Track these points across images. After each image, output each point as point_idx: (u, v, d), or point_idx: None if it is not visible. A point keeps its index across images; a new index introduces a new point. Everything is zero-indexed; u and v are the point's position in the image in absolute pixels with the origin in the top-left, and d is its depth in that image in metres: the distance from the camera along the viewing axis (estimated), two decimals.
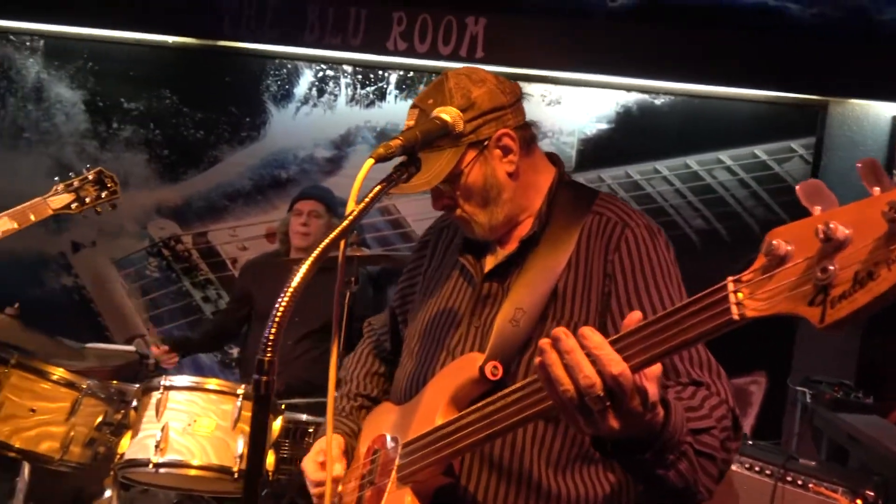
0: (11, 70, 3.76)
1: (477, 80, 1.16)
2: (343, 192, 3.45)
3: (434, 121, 1.07)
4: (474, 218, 1.18)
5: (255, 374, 0.70)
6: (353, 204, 0.88)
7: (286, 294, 0.73)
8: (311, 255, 2.44)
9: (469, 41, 3.23)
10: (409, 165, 0.97)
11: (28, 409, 2.10)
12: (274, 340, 0.71)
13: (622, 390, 0.77)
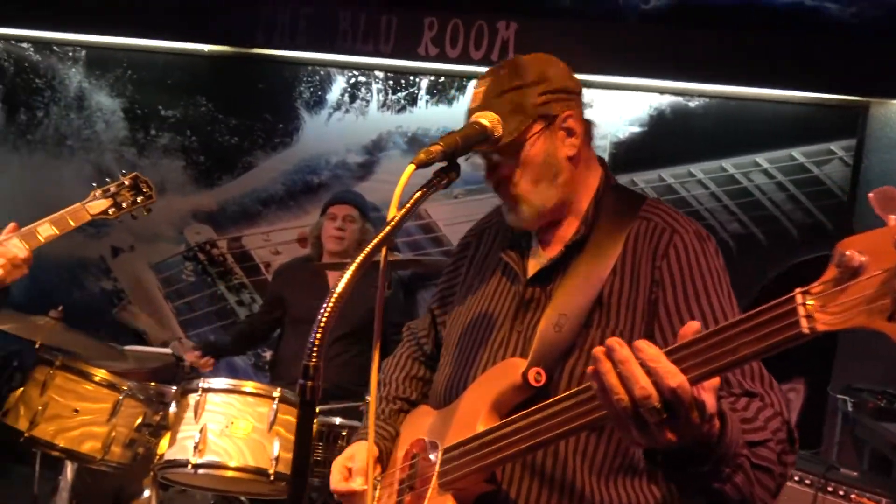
0: (55, 80, 3.87)
1: (552, 62, 1.17)
2: (375, 197, 3.47)
3: (473, 126, 1.07)
4: (527, 196, 1.16)
5: (300, 379, 0.71)
6: (394, 210, 0.88)
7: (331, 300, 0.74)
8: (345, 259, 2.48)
9: (500, 45, 3.23)
10: (450, 171, 0.97)
11: (72, 409, 2.16)
12: (319, 346, 0.72)
13: (680, 403, 0.76)
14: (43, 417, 2.11)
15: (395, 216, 0.87)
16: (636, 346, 0.78)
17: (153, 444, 2.30)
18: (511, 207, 1.19)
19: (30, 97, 3.89)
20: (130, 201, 1.80)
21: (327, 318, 0.73)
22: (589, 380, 0.82)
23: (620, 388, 0.78)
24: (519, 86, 1.13)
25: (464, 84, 3.45)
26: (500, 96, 1.14)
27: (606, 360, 0.79)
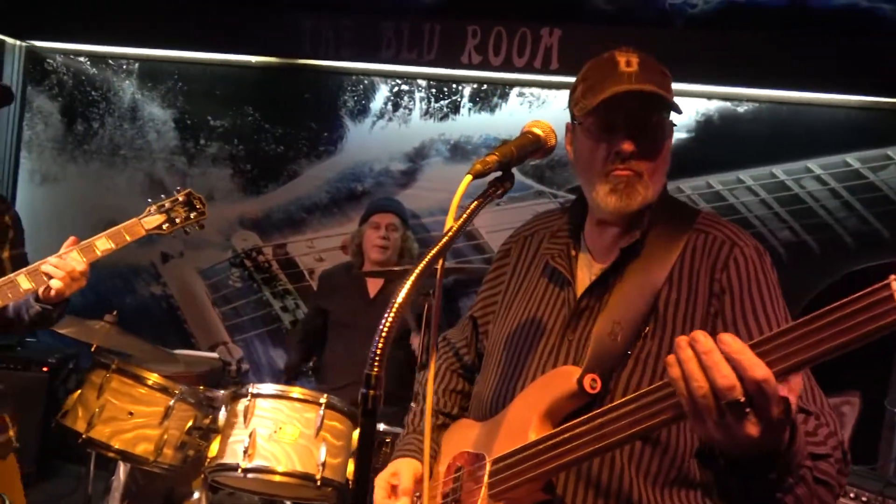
0: (109, 92, 4.01)
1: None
2: (417, 204, 3.50)
3: (527, 136, 1.07)
4: (649, 180, 1.13)
5: (362, 389, 0.72)
6: (451, 220, 0.89)
7: (392, 310, 0.75)
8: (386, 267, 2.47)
9: (544, 52, 3.22)
10: (504, 181, 0.98)
11: (127, 412, 2.22)
12: (381, 355, 0.72)
13: (764, 397, 0.75)
14: (100, 419, 2.18)
15: (451, 226, 0.87)
16: (720, 338, 0.77)
17: (203, 446, 2.36)
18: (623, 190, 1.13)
19: (86, 109, 4.04)
20: (183, 217, 1.84)
21: (388, 329, 0.73)
22: (668, 368, 0.81)
23: (702, 376, 0.77)
24: (664, 73, 1.15)
25: (506, 91, 3.45)
26: (651, 73, 1.12)
27: (688, 348, 0.78)
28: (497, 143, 3.51)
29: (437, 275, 0.83)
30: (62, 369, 3.64)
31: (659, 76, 1.13)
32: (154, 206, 1.83)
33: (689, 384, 0.78)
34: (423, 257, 0.81)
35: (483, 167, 0.94)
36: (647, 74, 1.11)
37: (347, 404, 2.16)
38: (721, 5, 3.19)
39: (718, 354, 0.76)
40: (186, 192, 1.87)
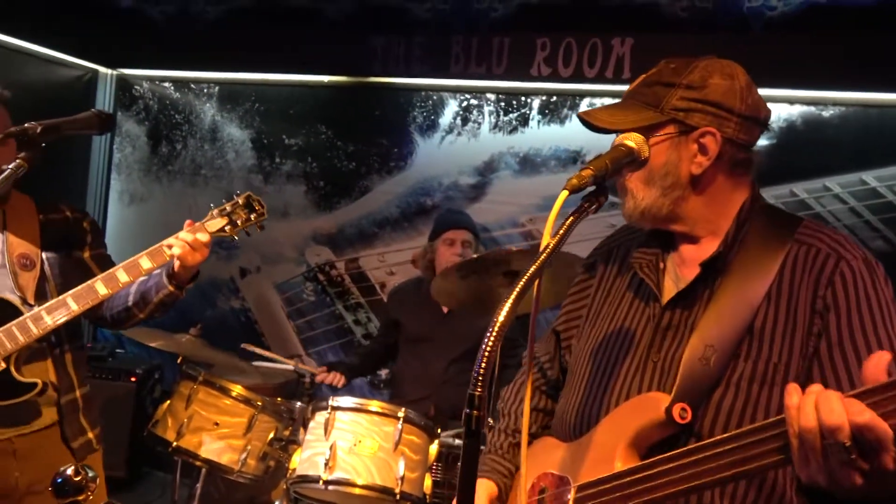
0: (192, 115, 4.21)
1: (727, 74, 1.10)
2: (486, 218, 3.50)
3: (620, 148, 1.05)
4: (634, 192, 1.13)
5: (465, 409, 0.72)
6: (547, 237, 0.88)
7: (493, 330, 0.75)
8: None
9: (615, 62, 3.18)
10: (599, 195, 0.96)
11: (213, 422, 2.30)
12: (484, 376, 0.72)
13: (873, 443, 0.70)
14: (188, 429, 2.26)
15: (549, 243, 0.86)
16: None
17: (283, 457, 2.41)
18: (620, 197, 1.17)
19: (170, 131, 4.25)
20: (244, 219, 1.87)
21: (491, 349, 0.73)
22: (787, 396, 0.77)
23: (812, 410, 0.73)
24: (671, 83, 1.10)
25: (576, 103, 3.42)
26: (649, 86, 1.12)
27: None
28: (567, 155, 3.49)
29: (534, 293, 0.83)
30: (149, 379, 3.82)
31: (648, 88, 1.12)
32: (216, 209, 1.87)
33: (801, 414, 0.74)
34: (521, 274, 0.80)
35: (579, 182, 0.93)
36: (636, 88, 1.14)
37: (424, 418, 2.17)
38: (802, 7, 3.06)
39: (835, 393, 0.73)
40: (246, 194, 1.90)
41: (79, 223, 1.90)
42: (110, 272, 1.73)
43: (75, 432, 1.81)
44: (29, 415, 1.72)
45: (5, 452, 1.70)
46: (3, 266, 1.72)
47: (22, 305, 1.69)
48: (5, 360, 1.64)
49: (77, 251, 1.88)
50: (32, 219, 1.81)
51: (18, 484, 1.71)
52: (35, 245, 1.77)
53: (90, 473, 0.88)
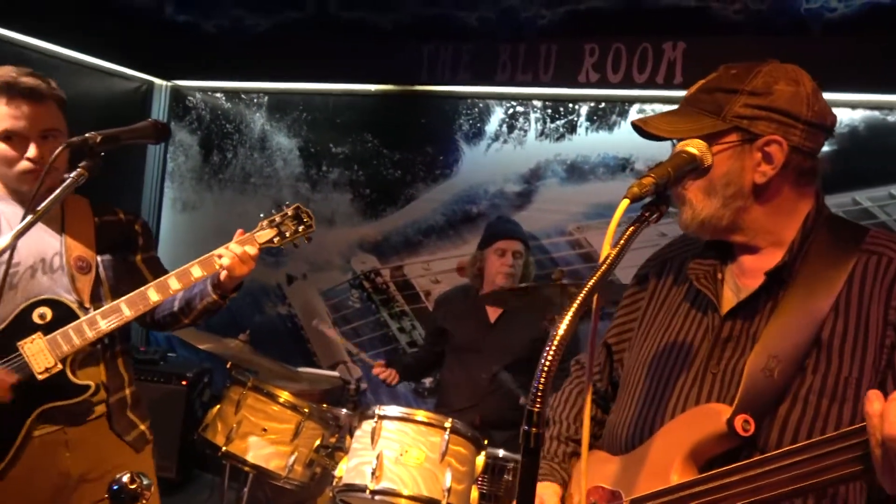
0: (242, 124, 4.30)
1: (792, 80, 1.07)
2: (533, 226, 3.46)
3: (682, 155, 1.02)
4: (693, 202, 1.10)
5: (523, 426, 0.69)
6: (607, 248, 0.85)
7: (552, 343, 0.72)
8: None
9: (666, 67, 3.10)
10: (661, 203, 0.93)
11: (261, 428, 2.32)
12: (543, 391, 0.69)
13: None
14: (237, 434, 2.29)
15: (608, 254, 0.83)
16: None
17: (329, 465, 2.42)
18: (678, 207, 1.13)
19: (221, 140, 4.35)
20: (293, 231, 1.89)
21: (551, 363, 0.70)
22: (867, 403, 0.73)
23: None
24: (733, 90, 1.06)
25: (625, 109, 3.35)
26: (709, 93, 1.09)
27: None
28: (616, 162, 3.43)
29: (593, 305, 0.80)
30: (199, 383, 3.90)
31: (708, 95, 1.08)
32: (266, 220, 1.89)
33: (885, 422, 0.70)
34: (581, 287, 0.77)
35: (640, 190, 0.89)
36: (694, 95, 1.11)
37: (471, 429, 2.14)
38: (863, 7, 2.94)
39: None
40: (295, 206, 1.92)
41: (131, 226, 1.94)
42: (162, 280, 1.76)
43: (125, 427, 1.84)
44: (81, 413, 1.77)
45: (57, 442, 1.73)
46: (61, 268, 1.76)
47: (78, 309, 1.73)
48: (62, 362, 1.69)
49: (129, 254, 1.91)
50: (88, 221, 1.85)
51: (71, 472, 1.74)
52: (91, 248, 1.81)
53: (145, 481, 0.89)
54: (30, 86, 1.67)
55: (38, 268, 1.74)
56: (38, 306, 1.69)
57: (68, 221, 1.81)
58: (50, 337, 1.68)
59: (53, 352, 1.68)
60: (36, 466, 1.69)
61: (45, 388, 1.67)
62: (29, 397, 1.66)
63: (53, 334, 1.69)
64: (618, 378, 1.32)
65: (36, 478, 1.70)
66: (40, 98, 1.67)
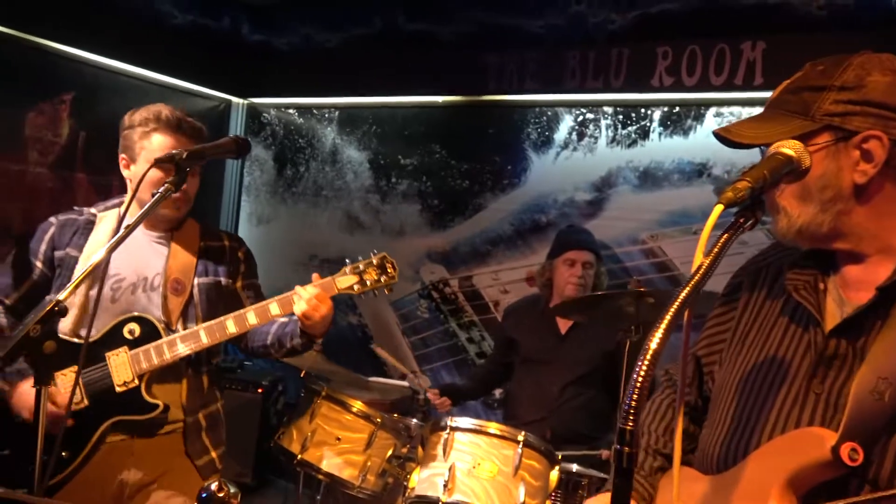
0: (314, 138, 4.42)
1: (887, 69, 0.99)
2: (604, 235, 3.38)
3: (777, 157, 0.96)
4: (788, 210, 1.02)
5: (615, 445, 0.66)
6: (700, 256, 0.80)
7: (645, 357, 0.69)
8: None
9: (745, 68, 2.98)
10: (755, 209, 0.87)
11: (335, 437, 2.34)
12: (636, 408, 0.66)
13: None
14: (311, 443, 2.32)
15: (702, 263, 0.79)
16: None
17: (401, 475, 2.42)
18: (771, 215, 1.06)
19: (294, 155, 4.48)
20: (374, 280, 1.90)
21: (643, 378, 0.67)
22: None
23: None
24: (821, 87, 0.99)
25: (702, 113, 3.23)
26: (795, 93, 1.02)
27: None
28: (692, 168, 3.31)
29: (685, 318, 0.76)
30: (273, 391, 4.00)
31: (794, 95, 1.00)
32: (349, 266, 1.90)
33: None
34: (674, 297, 0.73)
35: (734, 195, 0.84)
36: (780, 96, 1.04)
37: (544, 443, 2.10)
38: None
39: None
40: (381, 255, 1.93)
41: (234, 252, 2.03)
42: (241, 313, 1.84)
43: (198, 450, 1.90)
44: (152, 428, 1.84)
45: (124, 451, 1.81)
46: (157, 287, 1.86)
47: (164, 329, 1.81)
48: (139, 378, 1.77)
49: (230, 280, 1.99)
50: (194, 245, 1.95)
51: (132, 481, 1.81)
52: (190, 271, 1.91)
53: (232, 489, 0.91)
54: (188, 122, 1.85)
55: (139, 285, 1.85)
56: (129, 322, 1.79)
57: (175, 244, 1.92)
58: (133, 352, 1.78)
59: (133, 367, 1.77)
60: (102, 471, 1.78)
61: (121, 401, 1.76)
62: (106, 406, 1.76)
63: (136, 350, 1.78)
64: (708, 392, 1.25)
65: (101, 482, 1.78)
66: (191, 133, 1.84)
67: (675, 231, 3.26)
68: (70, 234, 1.85)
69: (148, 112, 1.83)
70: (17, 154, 3.51)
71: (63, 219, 1.88)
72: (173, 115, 1.83)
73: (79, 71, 3.71)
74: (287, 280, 1.85)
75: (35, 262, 1.84)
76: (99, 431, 1.75)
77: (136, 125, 1.82)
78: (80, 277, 1.34)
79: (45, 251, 1.84)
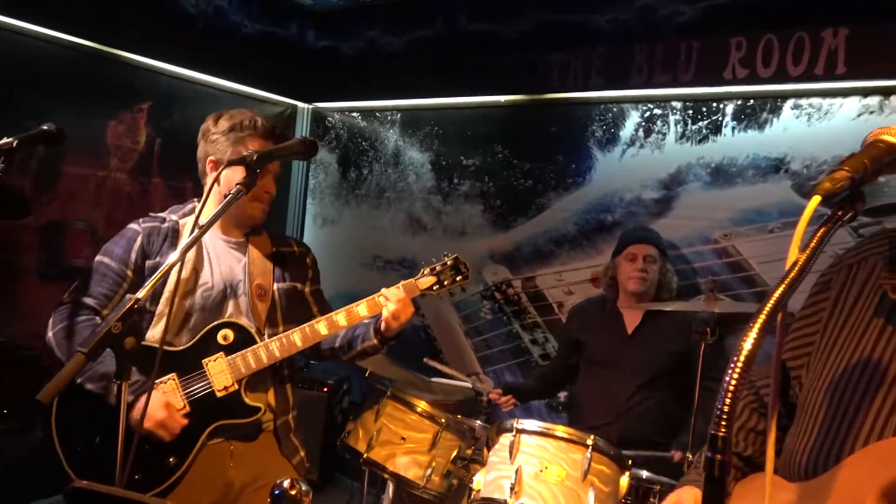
0: (377, 141, 4.47)
1: None
2: (673, 234, 3.27)
3: (878, 145, 0.89)
4: None
5: (707, 452, 0.62)
6: (795, 252, 0.75)
7: (738, 359, 0.64)
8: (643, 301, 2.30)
9: (826, 57, 2.82)
10: (854, 201, 0.81)
11: (400, 436, 2.35)
12: (729, 414, 0.62)
13: None
14: (377, 442, 2.33)
15: (797, 259, 0.73)
16: None
17: (466, 477, 2.40)
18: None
19: (358, 157, 4.54)
20: (450, 280, 2.01)
21: (736, 383, 0.63)
22: None
23: None
24: None
25: (778, 105, 3.08)
26: None
27: None
28: (768, 163, 3.16)
29: (779, 318, 0.70)
30: (339, 390, 4.06)
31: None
32: (427, 268, 2.03)
33: None
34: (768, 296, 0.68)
35: (833, 186, 0.79)
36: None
37: (614, 447, 2.04)
38: None
39: None
40: (454, 256, 2.04)
41: (303, 258, 2.09)
42: (331, 316, 1.90)
43: (291, 451, 1.96)
44: (251, 431, 1.89)
45: (223, 453, 1.86)
46: (244, 294, 1.91)
47: (256, 334, 1.87)
48: (238, 383, 1.81)
49: (300, 285, 2.04)
50: (268, 250, 2.00)
51: (235, 483, 1.86)
52: (269, 276, 1.96)
53: (304, 487, 0.92)
54: (278, 130, 1.91)
55: (227, 293, 1.90)
56: (223, 328, 1.84)
57: (252, 249, 1.97)
58: (230, 358, 1.82)
59: (232, 372, 1.82)
60: (207, 474, 1.82)
61: (222, 406, 1.81)
62: (208, 412, 1.81)
63: (234, 356, 1.83)
64: (794, 398, 1.19)
65: (207, 484, 1.83)
66: (279, 140, 1.89)
67: (749, 230, 3.12)
68: (159, 243, 1.88)
69: (240, 117, 1.88)
70: (101, 161, 3.70)
71: (147, 227, 1.91)
72: (265, 123, 1.89)
73: (155, 80, 3.88)
74: (350, 280, 1.89)
75: (126, 271, 1.86)
76: (203, 436, 1.80)
77: (228, 131, 1.86)
78: (157, 277, 1.38)
79: (136, 260, 1.86)
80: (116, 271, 1.85)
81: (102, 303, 1.83)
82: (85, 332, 1.75)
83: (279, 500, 0.89)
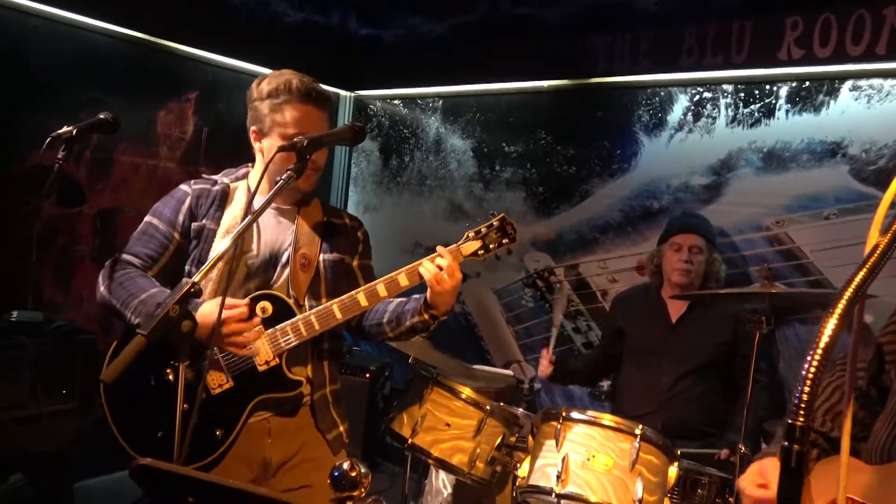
0: (418, 129, 4.46)
1: None
2: (724, 221, 3.18)
3: None
4: None
5: (783, 442, 0.60)
6: (876, 234, 0.71)
7: (817, 348, 0.62)
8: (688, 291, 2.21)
9: (889, 36, 2.69)
10: None
11: (444, 423, 2.35)
12: (808, 402, 0.60)
13: None
14: (422, 427, 2.34)
15: (878, 243, 0.70)
16: None
17: (510, 464, 2.40)
18: None
19: (399, 145, 4.54)
20: (496, 243, 1.84)
21: (816, 372, 0.60)
22: None
23: None
24: None
25: (836, 87, 2.96)
26: None
27: None
28: (824, 147, 3.05)
29: (856, 309, 0.67)
30: (381, 376, 4.10)
31: None
32: (471, 231, 1.85)
33: None
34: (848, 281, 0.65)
35: None
36: None
37: (662, 437, 2.01)
38: None
39: None
40: (500, 216, 1.86)
41: (355, 232, 2.03)
42: (371, 286, 1.80)
43: (328, 425, 1.92)
44: (292, 406, 1.88)
45: (262, 430, 1.84)
46: (287, 264, 1.85)
47: (295, 306, 1.81)
48: (279, 357, 1.80)
49: (349, 258, 1.98)
50: (318, 221, 1.94)
51: (273, 460, 1.85)
52: (316, 247, 1.90)
53: (363, 469, 0.92)
54: (317, 91, 1.78)
55: (270, 262, 1.85)
56: (261, 300, 1.79)
57: (301, 219, 1.90)
58: (270, 332, 1.78)
59: (273, 346, 1.78)
60: (248, 449, 1.82)
61: (264, 380, 1.79)
62: (251, 385, 1.79)
63: (273, 329, 1.78)
64: (888, 382, 1.18)
65: (247, 459, 1.83)
66: (319, 102, 1.80)
67: (804, 216, 3.01)
68: (207, 206, 1.85)
69: (277, 81, 1.77)
70: (151, 150, 3.79)
71: (198, 188, 1.86)
72: (303, 84, 1.77)
73: (202, 71, 3.94)
74: (391, 268, 1.84)
75: (173, 234, 1.83)
76: (248, 409, 1.78)
77: (266, 97, 1.78)
78: (210, 263, 1.40)
79: (183, 222, 1.83)
80: (164, 233, 1.83)
81: (147, 264, 1.82)
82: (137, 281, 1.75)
83: (339, 481, 0.89)
